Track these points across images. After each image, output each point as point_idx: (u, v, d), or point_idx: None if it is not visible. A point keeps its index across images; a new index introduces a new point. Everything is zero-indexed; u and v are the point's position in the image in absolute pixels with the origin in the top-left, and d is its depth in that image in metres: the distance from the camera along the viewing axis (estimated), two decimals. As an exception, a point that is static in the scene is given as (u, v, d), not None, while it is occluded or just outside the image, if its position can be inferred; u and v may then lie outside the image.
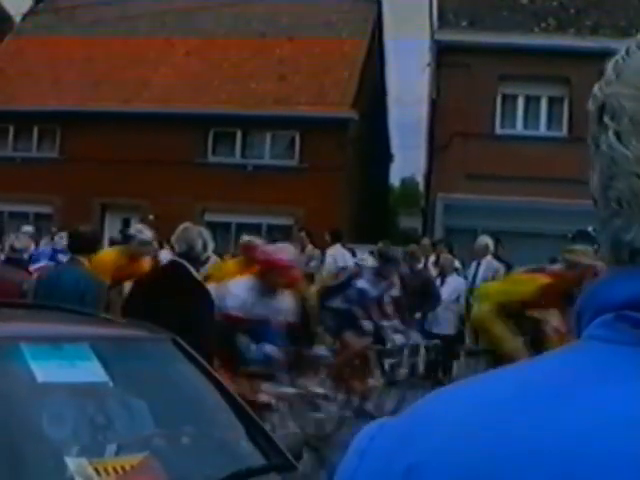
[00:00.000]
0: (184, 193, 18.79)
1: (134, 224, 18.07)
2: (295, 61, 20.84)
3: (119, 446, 3.05)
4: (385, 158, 29.69)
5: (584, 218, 4.04)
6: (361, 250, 12.22)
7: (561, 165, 15.29)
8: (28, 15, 24.09)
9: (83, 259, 6.42)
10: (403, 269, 10.16)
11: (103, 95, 19.93)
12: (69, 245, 7.07)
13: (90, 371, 3.18)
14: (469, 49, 17.43)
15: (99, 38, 21.45)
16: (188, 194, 18.79)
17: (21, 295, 6.27)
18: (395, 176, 45.02)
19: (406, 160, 58.26)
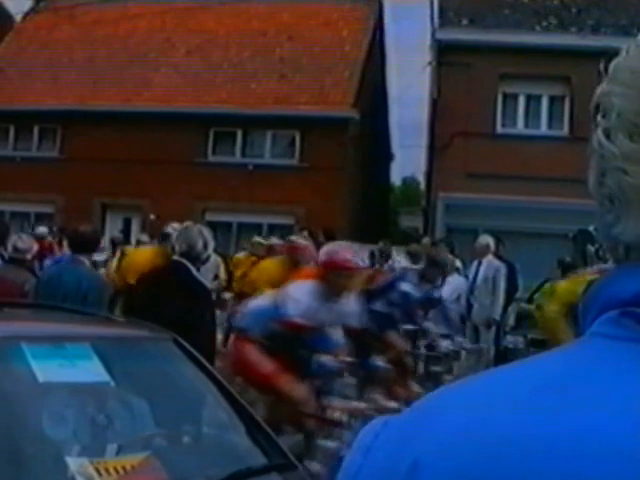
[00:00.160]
0: (185, 192, 18.79)
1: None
2: (296, 60, 20.82)
3: (120, 446, 3.05)
4: (386, 157, 29.66)
5: (585, 217, 4.04)
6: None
7: (562, 164, 15.25)
8: (28, 14, 24.09)
9: (84, 259, 6.42)
10: None
11: (103, 94, 19.91)
12: (70, 245, 7.07)
13: (91, 371, 3.18)
14: (470, 48, 17.40)
15: (99, 38, 21.45)
16: (189, 193, 18.80)
17: (23, 295, 6.26)
18: (396, 175, 44.93)
19: (407, 159, 58.37)
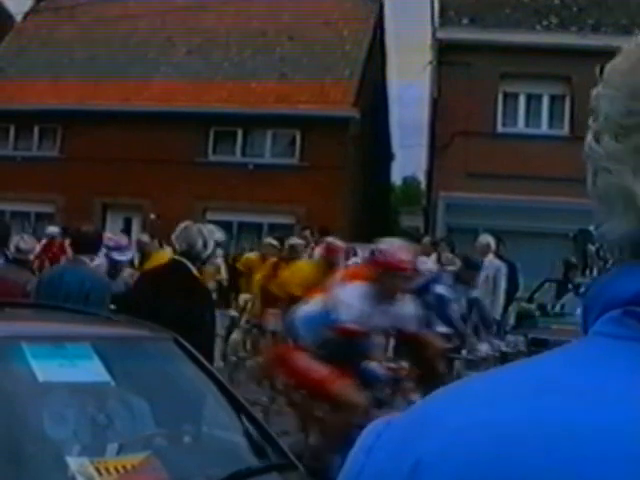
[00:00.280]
0: (185, 192, 18.79)
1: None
2: (296, 60, 20.82)
3: (120, 446, 3.05)
4: (386, 157, 29.66)
5: (586, 217, 4.02)
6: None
7: (562, 164, 15.23)
8: (29, 14, 24.09)
9: (85, 259, 6.41)
10: None
11: (104, 94, 19.91)
12: (71, 245, 7.06)
13: (91, 371, 3.18)
14: (470, 47, 17.41)
15: (100, 37, 21.45)
16: (189, 193, 18.80)
17: (25, 296, 6.25)
18: (396, 175, 45.00)
19: (407, 159, 58.39)
